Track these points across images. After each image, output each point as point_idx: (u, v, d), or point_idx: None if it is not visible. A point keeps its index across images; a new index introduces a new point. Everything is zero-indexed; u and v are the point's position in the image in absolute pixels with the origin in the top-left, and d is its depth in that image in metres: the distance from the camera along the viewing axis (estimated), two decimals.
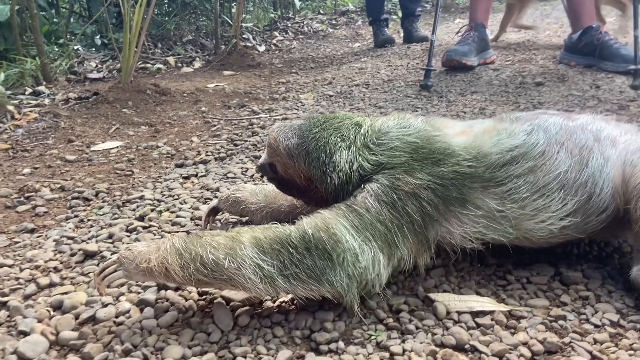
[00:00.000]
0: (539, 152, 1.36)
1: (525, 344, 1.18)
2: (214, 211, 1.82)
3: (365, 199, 1.30)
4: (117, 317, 1.29)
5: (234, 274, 1.15)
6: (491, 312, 1.28)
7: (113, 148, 2.90)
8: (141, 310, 1.30)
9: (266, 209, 1.74)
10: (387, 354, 1.14)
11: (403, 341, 1.18)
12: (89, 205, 2.11)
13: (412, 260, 1.32)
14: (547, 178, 1.35)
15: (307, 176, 1.48)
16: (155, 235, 1.74)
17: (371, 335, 1.21)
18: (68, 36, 5.72)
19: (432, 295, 1.32)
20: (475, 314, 1.28)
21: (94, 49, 5.96)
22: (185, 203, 2.03)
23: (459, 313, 1.27)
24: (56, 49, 5.34)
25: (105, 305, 1.33)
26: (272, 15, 7.27)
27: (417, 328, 1.22)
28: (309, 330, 1.22)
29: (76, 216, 1.99)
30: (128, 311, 1.30)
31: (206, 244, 1.18)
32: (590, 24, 3.90)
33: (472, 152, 1.37)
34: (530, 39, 5.52)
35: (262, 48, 6.35)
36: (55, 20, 6.24)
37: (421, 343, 1.17)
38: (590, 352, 1.14)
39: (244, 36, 6.37)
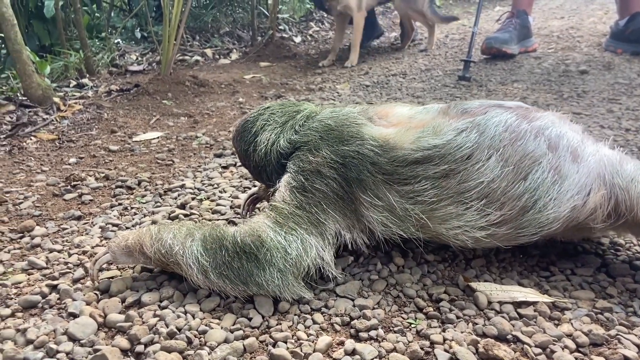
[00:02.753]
0: (463, 156, 1.25)
1: (569, 335, 1.15)
2: (254, 200, 1.86)
3: (280, 192, 1.37)
4: (161, 301, 1.32)
5: (180, 259, 1.28)
6: (534, 303, 1.26)
7: (154, 138, 2.97)
8: (184, 296, 1.33)
9: None
10: (427, 342, 1.13)
11: (443, 330, 1.17)
12: (132, 194, 2.17)
13: (349, 235, 1.33)
14: (465, 185, 1.24)
15: (238, 153, 1.67)
16: (196, 222, 1.77)
17: (411, 324, 1.20)
18: (109, 30, 5.87)
19: (474, 285, 1.30)
20: (518, 305, 1.25)
21: (133, 42, 6.10)
22: (225, 192, 2.06)
23: (501, 303, 1.25)
24: (98, 43, 5.49)
25: (150, 290, 1.37)
26: (309, 6, 7.25)
27: (458, 317, 1.21)
28: (349, 317, 1.22)
29: (120, 204, 2.05)
30: (172, 296, 1.33)
31: (170, 232, 1.32)
32: (638, 10, 3.73)
33: (380, 142, 1.33)
34: (574, 26, 5.33)
35: (298, 39, 6.35)
36: (97, 14, 6.41)
37: (462, 332, 1.16)
38: (637, 345, 1.11)
39: (280, 27, 6.39)
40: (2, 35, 4.18)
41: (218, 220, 1.79)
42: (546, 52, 4.21)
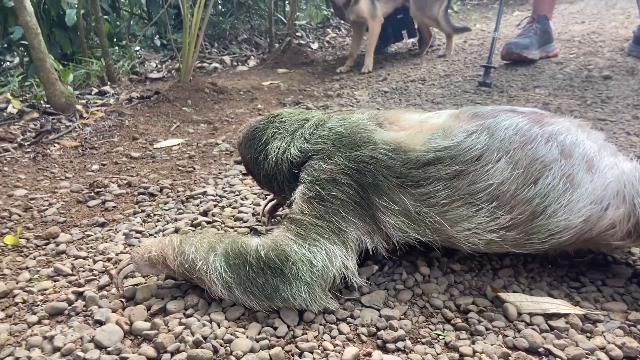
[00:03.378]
0: (472, 157, 1.24)
1: (602, 348, 1.12)
2: (274, 206, 1.85)
3: (297, 204, 1.36)
4: (186, 309, 1.32)
5: (203, 275, 1.28)
6: (565, 315, 1.23)
7: (175, 145, 2.99)
8: (209, 304, 1.33)
9: None
10: (456, 355, 1.11)
11: (473, 342, 1.15)
12: (154, 201, 2.19)
13: (370, 241, 1.32)
14: (475, 187, 1.23)
15: (247, 161, 1.67)
16: (219, 230, 1.77)
17: (439, 335, 1.18)
18: (129, 38, 5.95)
19: (503, 296, 1.27)
20: (549, 317, 1.22)
21: (153, 50, 6.18)
22: (246, 199, 2.07)
23: (531, 315, 1.23)
24: (118, 51, 5.58)
25: (174, 298, 1.37)
26: (326, 12, 7.27)
27: (487, 329, 1.19)
28: (375, 327, 1.21)
29: (143, 211, 2.06)
30: (197, 304, 1.33)
31: (192, 244, 1.31)
32: None
33: (392, 145, 1.33)
34: (595, 31, 5.26)
35: (315, 45, 6.37)
36: (117, 23, 6.51)
37: (492, 345, 1.13)
38: None
39: (297, 34, 6.42)
40: (26, 43, 4.27)
41: (240, 227, 1.79)
42: (568, 58, 4.15)
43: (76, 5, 4.84)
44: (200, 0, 3.82)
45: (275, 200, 1.84)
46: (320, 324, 1.23)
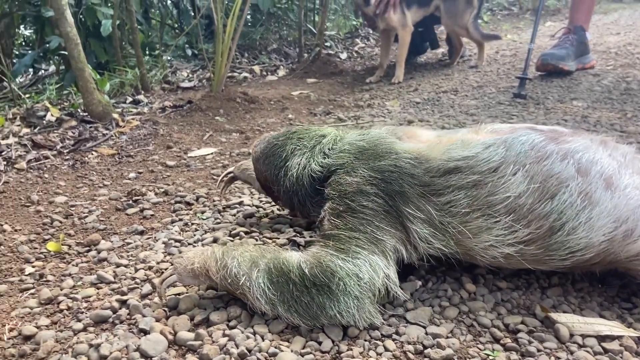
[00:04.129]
0: (490, 168, 1.26)
1: None
2: (231, 178, 2.00)
3: (329, 221, 1.37)
4: (229, 320, 1.32)
5: (246, 291, 1.28)
6: (619, 337, 1.19)
7: (208, 154, 3.02)
8: (251, 316, 1.33)
9: None
10: None
11: None
12: (190, 209, 2.21)
13: (404, 249, 1.32)
14: (493, 199, 1.24)
15: (264, 177, 1.67)
16: (257, 240, 1.78)
17: (488, 355, 1.15)
18: (161, 48, 6.06)
19: (554, 316, 1.24)
20: (602, 339, 1.19)
21: (184, 59, 6.28)
22: (282, 209, 2.07)
23: (584, 336, 1.19)
24: (149, 60, 5.68)
25: (217, 309, 1.37)
26: (354, 22, 7.29)
27: (539, 350, 1.15)
28: (422, 345, 1.18)
29: (180, 219, 2.08)
30: (239, 315, 1.33)
31: (235, 258, 1.32)
32: None
33: (414, 154, 1.37)
34: (632, 42, 5.14)
35: (343, 55, 6.39)
36: (149, 33, 6.65)
37: None
38: None
39: (326, 44, 6.44)
40: (64, 52, 4.39)
41: (278, 239, 1.78)
42: (605, 69, 4.06)
43: (111, 16, 4.97)
44: (234, 11, 3.87)
45: (230, 171, 1.97)
46: (365, 340, 1.21)
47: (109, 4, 5.41)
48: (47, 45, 5.52)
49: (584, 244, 1.21)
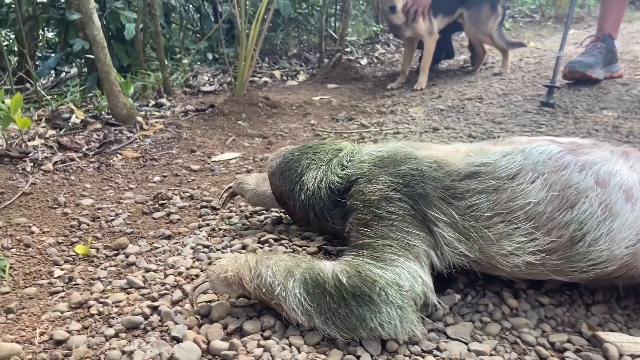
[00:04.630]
0: (508, 175, 1.27)
1: None
2: (231, 194, 2.00)
3: (357, 232, 1.35)
4: (263, 330, 1.29)
5: (282, 301, 1.25)
6: None
7: (232, 159, 3.01)
8: (285, 326, 1.30)
9: (255, 191, 1.92)
10: None
11: None
12: (217, 214, 2.19)
13: (434, 254, 1.31)
14: (512, 204, 1.24)
15: (280, 191, 1.66)
16: (287, 248, 1.75)
17: None
18: (183, 52, 6.10)
19: (602, 335, 1.19)
20: None
21: (205, 64, 6.31)
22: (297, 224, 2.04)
23: (633, 357, 1.14)
24: (171, 64, 5.71)
25: (250, 318, 1.35)
26: (375, 28, 7.27)
27: None
28: None
29: (207, 224, 2.07)
30: (273, 326, 1.30)
31: (269, 267, 1.29)
32: None
33: (434, 159, 1.39)
34: None
35: (364, 61, 6.36)
36: (170, 37, 6.70)
37: None
38: None
39: (346, 49, 6.43)
40: (88, 56, 4.43)
41: (309, 247, 1.76)
42: (634, 79, 3.98)
43: (135, 20, 5.01)
44: (257, 16, 3.87)
45: (230, 186, 1.98)
46: (405, 355, 1.18)
47: (132, 8, 5.46)
48: (71, 48, 5.59)
49: (606, 256, 1.20)
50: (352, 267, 1.26)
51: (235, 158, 3.03)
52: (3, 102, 2.66)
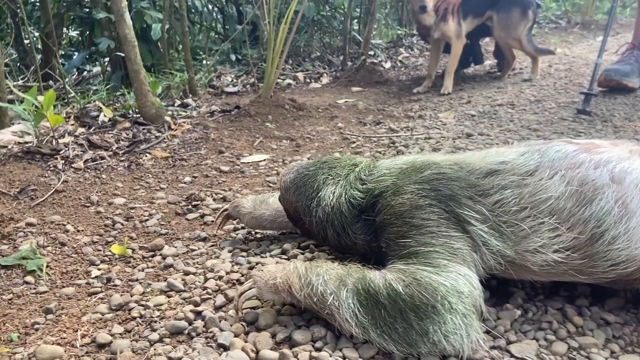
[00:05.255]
0: (527, 171, 1.29)
1: None
2: (226, 216, 1.93)
3: (397, 244, 1.31)
4: (314, 341, 1.24)
5: (335, 311, 1.20)
6: None
7: (261, 161, 2.98)
8: (337, 337, 1.25)
9: (252, 214, 1.86)
10: None
11: None
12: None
13: (478, 257, 1.28)
14: (535, 198, 1.24)
15: (295, 207, 1.61)
16: (329, 254, 1.70)
17: None
18: (206, 52, 6.10)
19: None
20: None
21: (228, 65, 6.30)
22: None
23: None
24: (195, 64, 5.71)
25: (298, 327, 1.30)
26: (399, 32, 7.22)
27: None
28: None
29: (243, 227, 2.02)
30: (324, 336, 1.25)
31: (320, 275, 1.24)
32: None
33: (454, 160, 1.41)
34: None
35: (387, 65, 6.32)
36: (195, 38, 6.71)
37: None
38: None
39: (370, 53, 6.38)
40: (121, 54, 4.43)
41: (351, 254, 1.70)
42: None
43: (160, 20, 5.01)
44: (286, 18, 3.84)
45: (226, 209, 1.92)
46: None
47: (157, 8, 5.47)
48: (95, 47, 5.61)
49: (625, 256, 1.19)
50: (408, 274, 1.20)
51: (264, 160, 2.99)
52: (36, 99, 2.65)
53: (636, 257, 1.19)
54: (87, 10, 5.52)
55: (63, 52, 6.70)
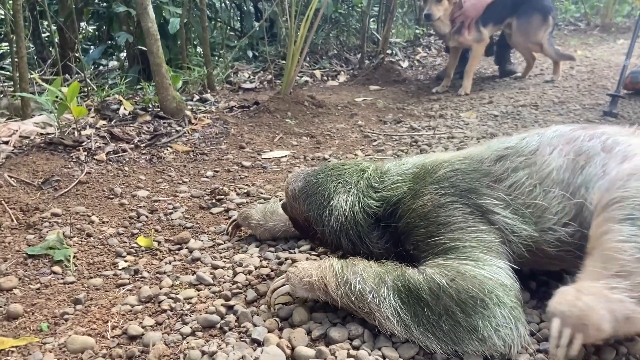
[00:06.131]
0: (530, 150, 1.34)
1: None
2: (236, 226, 1.90)
3: (428, 245, 1.30)
4: (351, 339, 1.22)
5: (374, 309, 1.17)
6: None
7: (282, 157, 2.95)
8: (374, 336, 1.22)
9: (264, 226, 1.83)
10: None
11: None
12: None
13: (506, 248, 1.27)
14: (541, 174, 1.30)
15: (306, 217, 1.56)
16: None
17: None
18: (224, 48, 6.09)
19: None
20: None
21: (245, 61, 6.29)
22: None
23: None
24: (213, 60, 5.70)
25: (334, 324, 1.27)
26: (418, 31, 7.16)
27: None
28: None
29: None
30: (362, 334, 1.22)
31: (357, 273, 1.22)
32: None
33: (463, 155, 1.44)
34: None
35: (405, 64, 6.27)
36: (213, 34, 6.70)
37: None
38: None
39: (388, 51, 6.33)
40: (142, 48, 4.43)
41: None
42: None
43: (179, 15, 5.00)
44: (307, 15, 3.81)
45: (235, 219, 1.89)
46: None
47: (176, 3, 5.46)
48: (113, 41, 5.62)
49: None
50: (450, 269, 1.17)
51: (285, 156, 2.97)
52: (60, 91, 2.65)
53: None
54: (106, 4, 5.53)
55: (80, 47, 6.73)
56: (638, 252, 1.03)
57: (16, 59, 3.21)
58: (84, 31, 7.05)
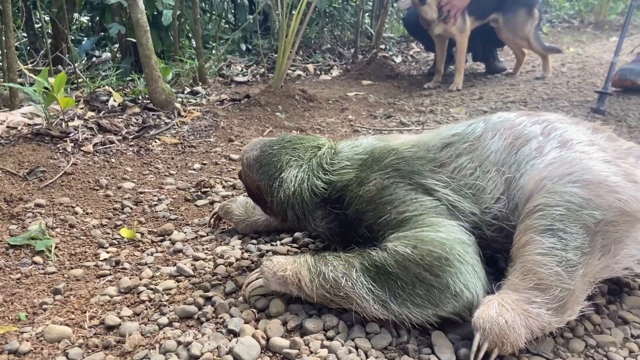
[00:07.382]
0: (476, 137, 1.41)
1: None
2: (217, 218, 1.92)
3: (378, 225, 1.34)
4: (325, 330, 1.23)
5: (350, 291, 1.20)
6: None
7: None
8: (349, 327, 1.23)
9: (246, 221, 1.84)
10: None
11: None
12: None
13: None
14: (481, 157, 1.37)
15: (258, 186, 1.60)
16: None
17: None
18: (217, 41, 6.07)
19: None
20: None
21: (238, 54, 6.27)
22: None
23: None
24: (205, 53, 5.68)
25: (310, 316, 1.29)
26: None
27: None
28: None
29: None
30: (336, 326, 1.24)
31: (328, 263, 1.25)
32: None
33: (411, 143, 1.48)
34: None
35: (398, 59, 6.27)
36: (207, 26, 6.67)
37: None
38: None
39: (381, 46, 6.33)
40: (132, 40, 4.41)
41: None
42: None
43: (172, 7, 4.98)
44: (299, 8, 3.80)
45: (216, 212, 1.90)
46: None
47: None
48: (105, 32, 5.58)
49: (522, 184, 1.29)
50: (410, 238, 1.22)
51: None
52: (47, 81, 2.64)
53: (528, 186, 1.27)
54: None
55: (72, 38, 6.68)
56: (556, 266, 1.09)
57: (5, 50, 3.19)
58: (77, 22, 7.00)
